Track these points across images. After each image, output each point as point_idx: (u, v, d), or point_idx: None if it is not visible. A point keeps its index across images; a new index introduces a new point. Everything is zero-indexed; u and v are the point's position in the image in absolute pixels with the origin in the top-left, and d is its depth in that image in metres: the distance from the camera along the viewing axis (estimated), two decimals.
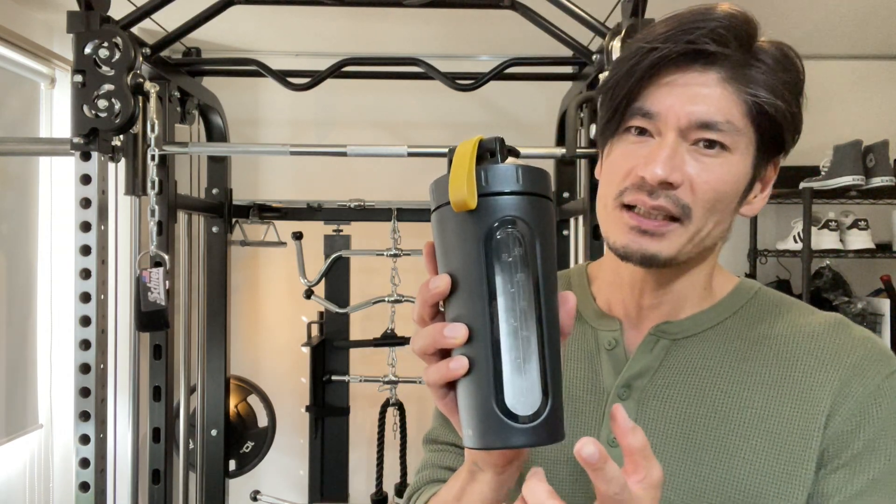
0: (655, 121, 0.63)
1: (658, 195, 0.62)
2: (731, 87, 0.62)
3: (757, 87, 0.62)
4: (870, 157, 2.31)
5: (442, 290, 0.48)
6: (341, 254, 2.26)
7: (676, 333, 0.70)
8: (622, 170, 0.65)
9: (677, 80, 0.62)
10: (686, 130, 0.62)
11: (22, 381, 2.16)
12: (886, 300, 2.38)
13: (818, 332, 0.67)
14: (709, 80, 0.62)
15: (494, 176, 0.47)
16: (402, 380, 2.24)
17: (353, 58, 1.88)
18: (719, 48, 0.61)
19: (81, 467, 1.48)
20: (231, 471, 2.31)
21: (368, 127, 2.71)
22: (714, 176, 0.62)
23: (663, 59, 0.62)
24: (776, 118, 0.62)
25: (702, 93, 0.61)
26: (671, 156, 0.61)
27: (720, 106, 0.61)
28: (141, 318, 1.52)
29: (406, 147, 1.65)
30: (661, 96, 0.63)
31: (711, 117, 0.61)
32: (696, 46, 0.61)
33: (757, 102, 0.62)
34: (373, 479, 2.29)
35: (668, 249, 0.63)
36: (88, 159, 1.49)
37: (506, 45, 2.48)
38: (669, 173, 0.61)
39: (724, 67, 0.62)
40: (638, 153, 0.64)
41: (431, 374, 0.49)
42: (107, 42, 1.44)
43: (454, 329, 0.47)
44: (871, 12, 2.23)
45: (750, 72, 0.62)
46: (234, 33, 2.41)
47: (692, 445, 0.66)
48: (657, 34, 0.63)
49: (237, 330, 2.62)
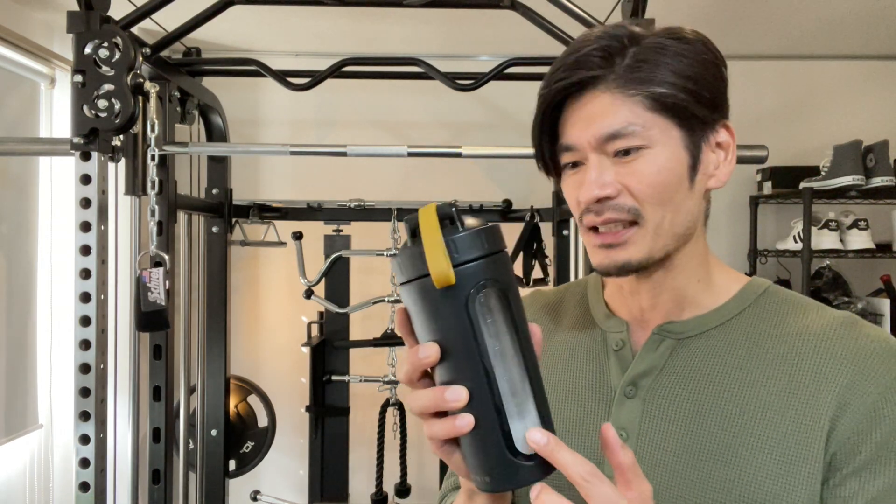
0: (577, 150, 0.67)
1: (603, 210, 0.66)
2: (619, 93, 0.65)
3: (646, 84, 0.64)
4: (870, 157, 2.31)
5: (433, 359, 0.52)
6: (341, 254, 2.26)
7: (681, 333, 0.71)
8: (573, 200, 0.70)
9: (577, 108, 0.67)
10: (599, 147, 0.66)
11: (22, 381, 2.16)
12: (886, 300, 2.38)
13: (827, 330, 0.67)
14: (601, 97, 0.65)
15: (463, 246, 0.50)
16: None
17: (353, 58, 1.88)
18: (590, 72, 0.65)
19: (81, 467, 1.48)
20: (231, 471, 2.31)
21: (368, 127, 2.71)
22: (643, 174, 0.65)
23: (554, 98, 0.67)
24: (678, 104, 0.64)
25: (596, 110, 0.65)
26: (598, 174, 0.65)
27: (616, 114, 0.64)
28: (141, 318, 1.52)
29: (406, 147, 1.65)
30: (570, 128, 0.67)
31: (613, 127, 0.64)
32: (572, 79, 0.66)
33: (652, 97, 0.64)
34: (373, 479, 2.29)
35: (638, 253, 0.67)
36: (88, 159, 1.49)
37: (506, 45, 2.48)
38: (601, 189, 0.65)
39: (608, 81, 0.65)
40: (577, 182, 0.68)
41: (437, 431, 0.53)
42: (107, 42, 1.44)
43: (456, 392, 0.51)
44: (872, 12, 2.23)
45: (636, 73, 0.64)
46: (234, 33, 2.41)
47: (696, 444, 0.66)
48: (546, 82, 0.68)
49: (237, 330, 2.62)
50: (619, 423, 0.70)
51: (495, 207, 2.34)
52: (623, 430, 0.69)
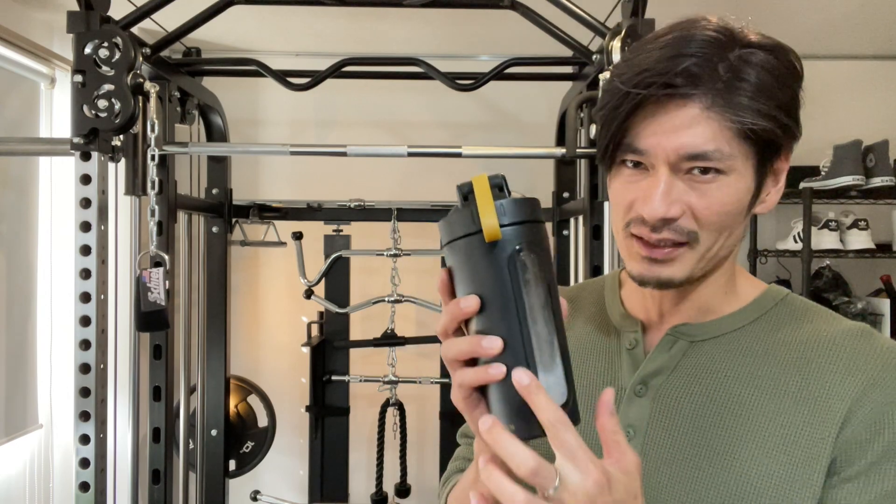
0: (646, 156, 0.64)
1: (661, 230, 0.64)
2: (715, 114, 0.61)
3: (742, 111, 0.61)
4: (870, 157, 2.31)
5: (473, 308, 0.54)
6: (341, 254, 2.26)
7: (695, 335, 0.71)
8: (624, 202, 0.67)
9: (661, 115, 0.62)
10: (677, 163, 0.62)
11: (22, 381, 2.16)
12: (886, 300, 2.38)
13: (840, 340, 0.67)
14: (692, 112, 0.61)
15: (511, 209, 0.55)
16: (402, 380, 2.24)
17: (353, 58, 1.88)
18: (692, 89, 0.61)
19: (81, 467, 1.48)
20: (231, 471, 2.31)
21: (368, 127, 2.71)
22: (714, 200, 0.63)
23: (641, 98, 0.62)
24: (767, 136, 0.62)
25: (685, 124, 0.61)
26: (666, 192, 0.62)
27: (706, 136, 0.61)
28: (141, 318, 1.52)
29: (406, 147, 1.65)
30: (648, 134, 0.63)
31: (700, 148, 0.61)
32: (670, 91, 0.61)
33: (745, 128, 0.61)
34: (373, 479, 2.29)
35: (681, 272, 0.66)
36: (88, 159, 1.49)
37: (506, 45, 2.48)
38: (667, 210, 0.62)
39: (704, 97, 0.61)
40: (636, 186, 0.65)
41: (470, 378, 0.54)
42: (107, 42, 1.44)
43: (492, 341, 0.53)
44: (871, 12, 2.23)
45: (732, 96, 0.61)
46: (234, 33, 2.41)
47: (702, 445, 0.66)
48: (634, 72, 0.63)
49: (237, 330, 2.62)
50: (627, 420, 0.70)
51: None
52: (631, 428, 0.70)
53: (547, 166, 2.27)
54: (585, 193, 1.83)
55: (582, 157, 1.69)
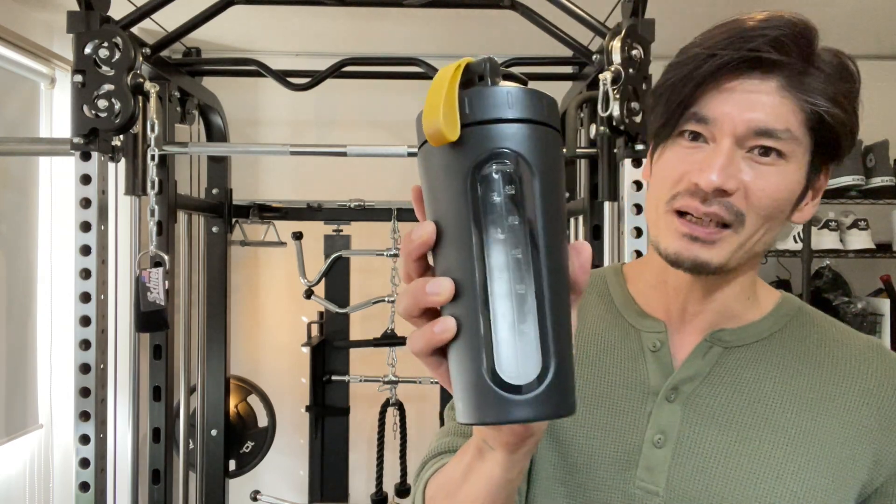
0: (711, 126, 0.62)
1: (711, 202, 0.62)
2: (791, 94, 0.61)
3: (816, 95, 0.61)
4: (870, 157, 2.31)
5: (425, 239, 0.42)
6: (341, 254, 2.26)
7: (730, 342, 0.69)
8: (675, 174, 0.64)
9: (736, 87, 0.61)
10: (743, 138, 0.61)
11: (22, 381, 2.16)
12: (886, 300, 2.38)
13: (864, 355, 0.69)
14: (768, 88, 0.61)
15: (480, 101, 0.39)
16: (402, 380, 2.24)
17: (353, 58, 1.88)
18: (781, 56, 0.60)
19: (81, 467, 1.48)
20: (231, 471, 2.31)
21: (368, 127, 2.71)
22: (770, 184, 0.62)
23: (723, 65, 0.61)
24: (834, 127, 0.62)
25: (761, 100, 0.61)
26: (727, 163, 0.61)
27: (779, 114, 0.61)
28: (140, 319, 1.52)
29: (406, 147, 1.65)
30: (719, 103, 0.62)
31: (771, 125, 0.61)
32: (758, 54, 0.60)
33: (816, 111, 0.61)
34: (373, 479, 2.29)
35: (720, 257, 0.63)
36: (88, 159, 1.49)
37: (506, 45, 2.48)
38: (725, 181, 0.60)
39: (783, 75, 0.61)
40: (692, 158, 0.63)
41: (416, 341, 0.43)
42: (107, 42, 1.44)
43: (437, 284, 0.41)
44: (870, 12, 2.23)
45: (809, 80, 0.61)
46: (234, 33, 2.41)
47: (738, 455, 0.66)
48: (716, 40, 0.62)
49: (237, 330, 2.62)
50: (658, 426, 0.68)
51: None
52: (662, 434, 0.67)
53: None
54: (585, 193, 1.83)
55: (582, 157, 1.69)
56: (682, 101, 0.63)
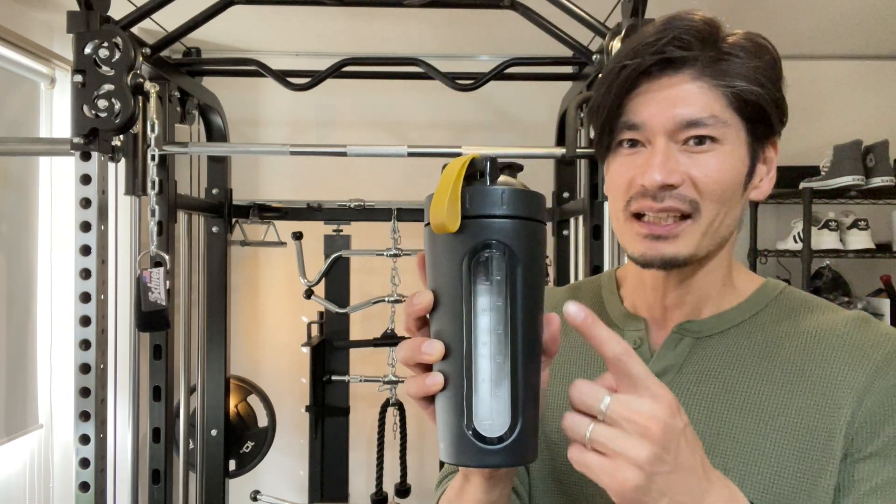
0: (643, 130, 0.66)
1: (664, 198, 0.64)
2: (707, 82, 0.64)
3: (732, 78, 0.64)
4: (870, 157, 2.31)
5: (424, 305, 0.51)
6: (341, 254, 2.26)
7: (699, 332, 0.71)
8: (623, 181, 0.67)
9: (654, 89, 0.65)
10: (674, 132, 0.64)
11: (22, 381, 2.16)
12: (886, 300, 2.38)
13: (842, 329, 0.68)
14: (682, 82, 0.64)
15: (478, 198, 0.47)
16: (402, 380, 2.24)
17: (353, 58, 1.88)
18: (684, 52, 0.64)
19: (81, 467, 1.48)
20: (231, 471, 2.31)
21: (368, 127, 2.71)
22: (711, 168, 0.64)
23: (636, 72, 0.65)
24: (758, 103, 0.65)
25: (679, 95, 0.64)
26: (665, 160, 0.64)
27: (700, 102, 0.64)
28: (141, 318, 1.52)
29: (406, 147, 1.65)
30: (642, 106, 0.65)
31: (695, 115, 0.64)
32: (663, 56, 0.64)
33: (735, 92, 0.64)
34: (373, 479, 2.29)
35: (686, 248, 0.66)
36: (88, 159, 1.49)
37: (506, 45, 2.48)
38: (667, 176, 0.63)
39: (694, 67, 0.64)
40: (634, 163, 0.67)
41: (410, 387, 0.53)
42: (107, 42, 1.44)
43: (430, 346, 0.50)
44: (871, 12, 2.23)
45: (722, 66, 0.64)
46: (234, 33, 2.41)
47: (717, 442, 0.67)
48: (626, 51, 0.66)
49: (237, 330, 2.62)
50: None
51: None
52: None
53: (547, 166, 2.27)
54: (585, 193, 1.83)
55: (582, 157, 1.69)
56: (610, 114, 0.67)
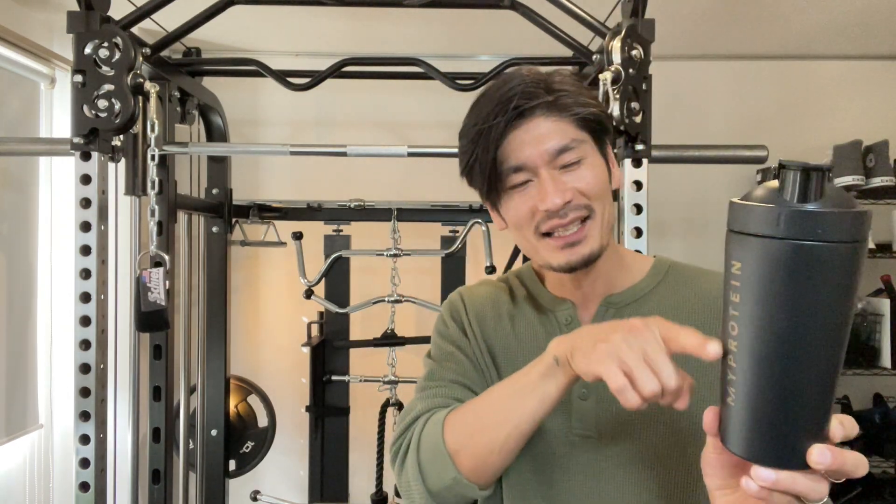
0: (526, 169, 0.80)
1: (566, 213, 0.80)
2: (556, 116, 0.80)
3: (571, 107, 0.80)
4: (870, 157, 2.31)
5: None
6: (341, 254, 2.26)
7: (620, 302, 0.87)
8: (525, 212, 0.81)
9: (519, 135, 0.80)
10: (550, 161, 0.79)
11: (22, 381, 2.16)
12: (886, 300, 2.38)
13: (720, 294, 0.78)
14: (539, 122, 0.80)
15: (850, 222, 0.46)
16: (402, 380, 2.24)
17: (353, 58, 1.88)
18: (532, 101, 0.79)
19: (81, 467, 1.48)
20: (231, 471, 2.31)
21: (368, 127, 2.71)
22: (589, 177, 0.81)
23: (504, 127, 0.79)
24: (596, 118, 0.82)
25: (542, 132, 0.79)
26: (555, 185, 0.79)
27: (560, 133, 0.80)
28: (141, 319, 1.52)
29: (406, 147, 1.65)
30: (518, 150, 0.80)
31: (561, 144, 0.79)
32: (520, 109, 0.79)
33: (580, 118, 0.80)
34: (373, 479, 2.29)
35: (595, 243, 0.81)
36: (88, 159, 1.49)
37: (506, 45, 2.48)
38: (563, 196, 0.78)
39: (543, 109, 0.80)
40: (529, 195, 0.81)
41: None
42: (107, 42, 1.44)
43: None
44: (871, 12, 2.23)
45: (560, 102, 0.80)
46: (234, 33, 2.41)
47: None
48: (482, 116, 0.81)
49: (237, 330, 2.62)
50: (580, 383, 0.81)
51: None
52: (584, 388, 0.83)
53: None
54: None
55: None
56: (494, 166, 0.81)
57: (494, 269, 2.13)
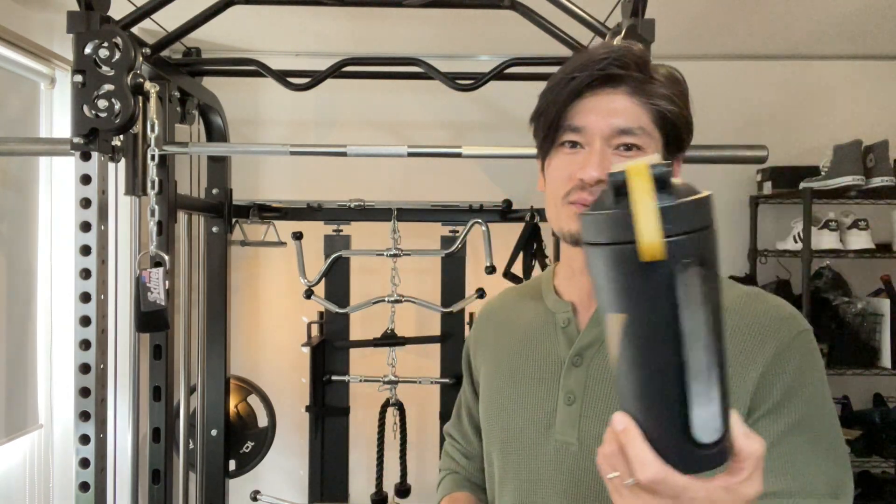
0: (583, 133, 0.79)
1: (595, 191, 0.76)
2: (637, 99, 0.78)
3: (656, 98, 0.78)
4: (870, 157, 2.31)
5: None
6: (341, 254, 2.26)
7: None
8: (563, 175, 0.80)
9: (595, 99, 0.78)
10: (609, 137, 0.77)
11: (22, 381, 2.16)
12: (886, 300, 2.38)
13: (736, 305, 0.78)
14: (619, 96, 0.78)
15: (678, 216, 0.45)
16: (402, 380, 2.24)
17: (353, 58, 1.88)
18: (623, 71, 0.77)
19: (81, 467, 1.48)
20: (231, 471, 2.31)
21: (368, 127, 2.71)
22: None
23: (582, 83, 0.78)
24: (675, 122, 0.79)
25: (616, 107, 0.78)
26: (601, 160, 0.77)
27: (632, 115, 0.77)
28: (141, 319, 1.52)
29: (406, 147, 1.65)
30: (585, 113, 0.78)
31: (627, 125, 0.77)
32: (607, 72, 0.77)
33: (659, 110, 0.78)
34: (373, 479, 2.29)
35: None
36: (88, 159, 1.49)
37: (506, 45, 2.48)
38: (602, 173, 0.75)
39: (629, 86, 0.78)
40: (573, 161, 0.79)
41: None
42: (107, 42, 1.44)
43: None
44: (871, 12, 2.23)
45: (648, 87, 0.78)
46: (234, 33, 2.41)
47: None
48: (573, 67, 0.79)
49: (237, 330, 2.62)
50: (568, 387, 0.82)
51: (495, 207, 2.34)
52: (571, 394, 0.82)
53: None
54: None
55: None
56: (557, 117, 0.80)
57: (494, 269, 2.13)
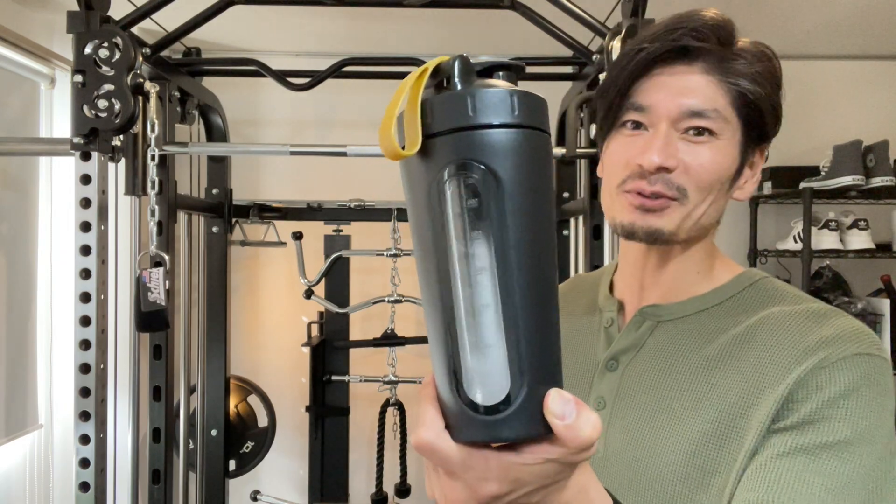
0: (648, 113, 0.69)
1: (655, 181, 0.68)
2: (715, 77, 0.67)
3: (738, 77, 0.67)
4: (870, 157, 2.31)
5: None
6: (341, 254, 2.26)
7: (661, 316, 0.75)
8: (622, 160, 0.70)
9: (665, 75, 0.68)
10: (677, 120, 0.67)
11: (22, 381, 2.16)
12: (886, 300, 2.38)
13: (787, 319, 0.68)
14: (694, 73, 0.68)
15: (442, 109, 0.36)
16: (402, 380, 2.24)
17: (353, 58, 1.88)
18: (700, 43, 0.67)
19: (81, 467, 1.48)
20: (231, 471, 2.31)
21: (368, 127, 2.71)
22: (705, 159, 0.68)
23: (651, 56, 0.68)
24: (758, 105, 0.68)
25: (689, 85, 0.67)
26: (665, 144, 0.67)
27: (706, 95, 0.67)
28: (141, 319, 1.52)
29: None
30: (653, 91, 0.68)
31: (699, 106, 0.67)
32: (680, 43, 0.67)
33: (740, 91, 0.67)
34: (373, 479, 2.29)
35: (670, 224, 0.69)
36: (88, 159, 1.49)
37: (506, 45, 2.48)
38: (665, 159, 0.67)
39: (707, 61, 0.67)
40: (634, 144, 0.69)
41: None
42: (107, 42, 1.44)
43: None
44: (870, 13, 2.23)
45: (731, 64, 0.67)
46: (234, 33, 2.41)
47: (657, 413, 0.71)
48: (645, 36, 0.70)
49: (237, 330, 2.62)
50: (598, 392, 0.76)
51: None
52: (601, 399, 0.75)
53: None
54: (585, 193, 1.83)
55: (582, 157, 1.69)
56: (620, 93, 0.70)
57: None
